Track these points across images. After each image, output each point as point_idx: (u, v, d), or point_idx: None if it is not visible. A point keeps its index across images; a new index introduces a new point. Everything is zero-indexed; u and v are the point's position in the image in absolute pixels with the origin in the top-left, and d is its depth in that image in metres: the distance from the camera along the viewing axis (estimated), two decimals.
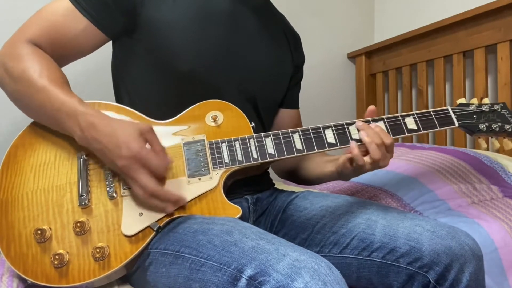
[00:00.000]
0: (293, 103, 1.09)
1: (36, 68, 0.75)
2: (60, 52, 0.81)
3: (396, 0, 2.07)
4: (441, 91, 1.71)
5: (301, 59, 1.09)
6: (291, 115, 1.08)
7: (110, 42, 0.89)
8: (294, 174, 1.06)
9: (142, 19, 0.83)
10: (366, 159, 0.77)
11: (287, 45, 1.03)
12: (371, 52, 2.05)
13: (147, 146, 0.71)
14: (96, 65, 1.11)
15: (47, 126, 0.78)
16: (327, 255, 0.81)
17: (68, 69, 0.84)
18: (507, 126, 0.85)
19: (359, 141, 0.80)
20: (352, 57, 2.12)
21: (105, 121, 0.71)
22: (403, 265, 0.74)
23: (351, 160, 0.81)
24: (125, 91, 0.90)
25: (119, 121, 0.72)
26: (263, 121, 0.96)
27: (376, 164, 0.78)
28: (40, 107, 0.74)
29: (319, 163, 0.96)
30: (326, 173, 0.93)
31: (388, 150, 0.78)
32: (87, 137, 0.70)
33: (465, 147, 1.61)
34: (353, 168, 0.81)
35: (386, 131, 0.82)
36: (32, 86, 0.74)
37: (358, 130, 0.80)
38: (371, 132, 0.78)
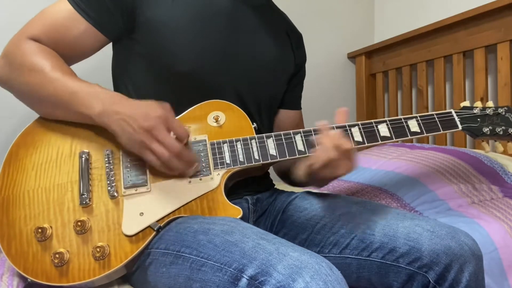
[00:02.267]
0: (295, 104, 1.08)
1: (47, 61, 0.76)
2: (62, 53, 0.81)
3: (396, 0, 2.07)
4: (441, 91, 1.71)
5: (303, 57, 1.08)
6: (292, 117, 1.07)
7: (110, 42, 0.89)
8: (286, 176, 1.02)
9: (141, 19, 0.83)
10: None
11: (288, 43, 1.03)
12: (371, 52, 2.05)
13: None
14: (96, 65, 1.11)
15: (51, 123, 0.78)
16: (327, 255, 0.81)
17: None
18: (511, 130, 0.85)
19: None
20: (352, 57, 2.12)
21: (127, 100, 0.74)
22: (402, 265, 0.74)
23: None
24: (125, 91, 0.89)
25: (140, 101, 0.74)
26: (263, 121, 0.96)
27: (328, 167, 0.75)
28: (52, 95, 0.75)
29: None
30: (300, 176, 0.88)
31: (346, 155, 0.74)
32: (107, 111, 0.72)
33: (465, 147, 1.61)
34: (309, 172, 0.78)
35: (389, 133, 0.81)
36: (45, 76, 0.75)
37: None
38: (324, 135, 0.77)
